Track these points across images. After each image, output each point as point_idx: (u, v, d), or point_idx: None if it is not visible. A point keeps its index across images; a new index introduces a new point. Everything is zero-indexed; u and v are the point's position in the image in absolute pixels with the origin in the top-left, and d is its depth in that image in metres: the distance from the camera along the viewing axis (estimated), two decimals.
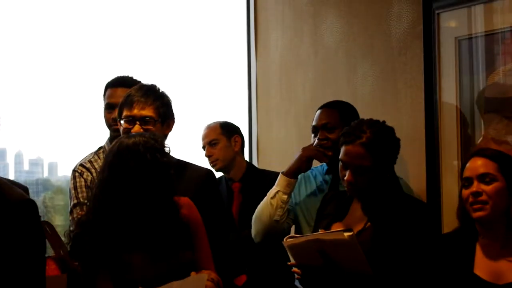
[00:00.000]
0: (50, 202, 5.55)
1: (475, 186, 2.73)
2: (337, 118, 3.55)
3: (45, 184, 5.64)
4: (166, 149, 2.91)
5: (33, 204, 2.46)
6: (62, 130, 5.08)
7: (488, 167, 2.73)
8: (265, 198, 3.45)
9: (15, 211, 2.40)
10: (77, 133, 5.05)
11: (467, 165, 2.79)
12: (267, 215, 3.44)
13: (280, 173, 3.44)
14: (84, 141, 4.92)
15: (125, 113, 3.30)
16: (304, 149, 3.55)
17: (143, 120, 3.26)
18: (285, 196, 3.42)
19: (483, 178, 2.73)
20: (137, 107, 3.27)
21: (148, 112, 3.27)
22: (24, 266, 2.42)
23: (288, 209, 3.50)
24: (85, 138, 4.94)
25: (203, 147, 4.51)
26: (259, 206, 3.47)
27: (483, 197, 2.71)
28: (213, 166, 4.41)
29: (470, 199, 2.74)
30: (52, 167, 5.72)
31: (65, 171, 5.57)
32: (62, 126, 5.08)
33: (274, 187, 3.42)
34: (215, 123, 4.53)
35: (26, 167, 5.58)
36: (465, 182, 2.77)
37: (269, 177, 3.95)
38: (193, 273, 2.82)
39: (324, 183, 3.60)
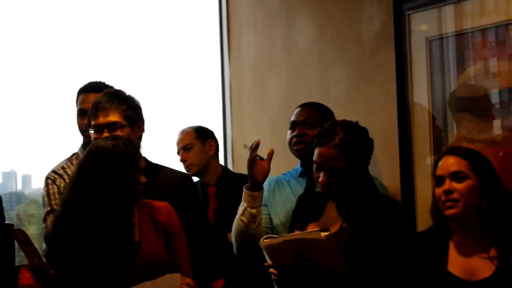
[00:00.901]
0: (24, 214, 5.52)
1: (447, 184, 2.75)
2: (317, 116, 3.58)
3: (19, 197, 5.60)
4: (140, 153, 2.92)
5: None
6: (36, 142, 5.05)
7: (460, 165, 2.75)
8: (237, 215, 3.43)
9: None
10: (50, 145, 5.02)
11: (439, 163, 2.81)
12: (242, 232, 3.41)
13: (244, 188, 3.39)
14: (58, 153, 4.89)
15: (92, 122, 3.27)
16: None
17: (110, 126, 3.22)
18: (254, 210, 3.34)
19: (455, 176, 2.74)
20: (101, 114, 3.24)
21: (113, 117, 3.24)
22: None
23: (263, 218, 3.48)
24: (59, 150, 4.90)
25: (178, 152, 4.51)
26: (233, 224, 3.45)
27: (455, 195, 2.72)
28: (188, 171, 4.41)
29: (443, 197, 2.75)
30: (26, 180, 5.68)
31: (39, 184, 5.53)
32: (35, 138, 5.05)
33: (241, 203, 3.39)
34: (189, 127, 4.53)
35: None
36: (438, 180, 2.79)
37: (244, 181, 3.95)
38: (167, 274, 2.83)
39: (299, 185, 3.60)
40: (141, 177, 2.92)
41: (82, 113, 3.66)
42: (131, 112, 3.28)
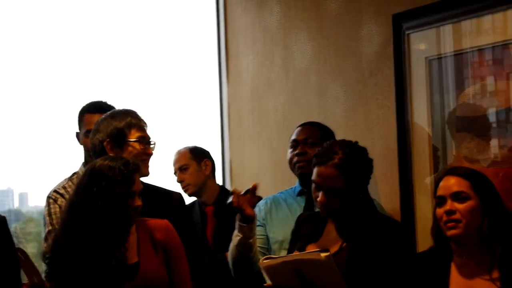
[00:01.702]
0: (21, 232, 5.51)
1: (449, 205, 2.73)
2: (318, 135, 3.59)
3: (16, 214, 5.60)
4: (135, 177, 2.92)
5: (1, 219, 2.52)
6: (32, 160, 5.04)
7: (461, 186, 2.74)
8: (232, 244, 3.41)
9: None
10: (47, 163, 5.02)
11: (440, 183, 2.79)
12: (238, 260, 3.38)
13: (236, 219, 3.35)
14: (54, 171, 4.89)
15: (137, 134, 3.31)
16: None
17: (149, 142, 3.34)
18: (250, 240, 3.33)
19: (456, 196, 2.73)
20: (147, 128, 3.34)
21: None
22: None
23: (259, 239, 3.47)
24: (55, 168, 4.91)
25: (175, 173, 4.52)
26: (230, 251, 3.44)
27: (457, 216, 2.71)
28: (185, 191, 4.43)
29: (444, 218, 2.74)
30: (23, 198, 5.68)
31: (36, 201, 5.52)
32: (32, 157, 5.04)
33: (236, 232, 3.36)
34: (185, 148, 4.56)
35: None
36: (439, 200, 2.78)
37: None
38: None
39: (297, 204, 3.59)
40: (136, 201, 2.92)
41: (89, 133, 3.67)
42: None
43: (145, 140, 3.31)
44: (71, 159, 4.31)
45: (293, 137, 3.66)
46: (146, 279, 2.91)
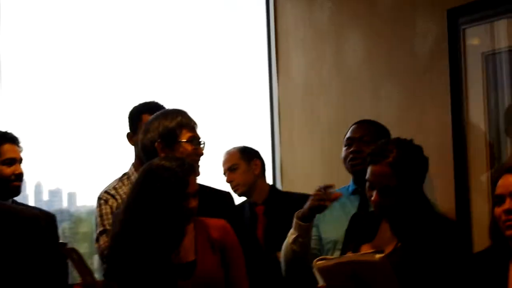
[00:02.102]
0: (70, 231, 5.58)
1: (508, 204, 2.65)
2: (374, 133, 3.55)
3: (64, 214, 5.66)
4: (190, 178, 2.92)
5: (50, 218, 2.56)
6: (81, 160, 5.08)
7: None
8: (286, 241, 3.40)
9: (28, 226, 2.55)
10: (95, 164, 5.05)
11: (499, 182, 2.72)
12: (292, 258, 3.40)
13: (295, 216, 3.36)
14: (102, 171, 4.93)
15: (188, 134, 3.29)
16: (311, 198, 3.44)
17: (200, 142, 3.33)
18: (306, 239, 3.35)
19: None
20: (197, 128, 3.33)
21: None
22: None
23: (312, 240, 3.45)
24: (103, 168, 4.94)
25: (224, 173, 4.53)
26: (283, 249, 3.43)
27: None
28: (235, 191, 4.43)
29: (503, 217, 2.66)
30: (71, 197, 5.75)
31: (84, 201, 5.58)
32: (81, 156, 5.08)
33: (292, 230, 3.36)
34: (234, 148, 4.56)
35: (45, 197, 5.61)
36: (497, 199, 2.70)
37: (292, 198, 3.95)
38: None
39: (351, 204, 3.56)
40: (191, 202, 2.92)
41: None
42: None
43: (196, 140, 3.30)
44: (119, 159, 4.34)
45: (348, 135, 3.62)
46: (202, 277, 2.91)
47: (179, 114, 3.33)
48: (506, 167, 2.83)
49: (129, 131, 3.93)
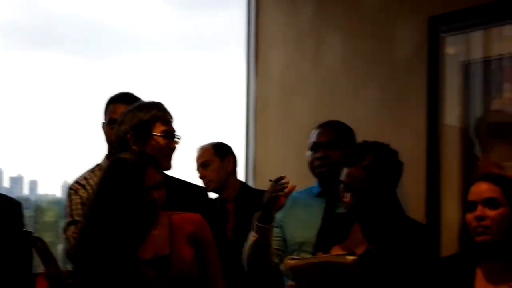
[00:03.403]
0: (31, 220, 5.54)
1: (480, 211, 2.70)
2: (340, 137, 3.50)
3: (25, 202, 5.62)
4: (150, 171, 2.91)
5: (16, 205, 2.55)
6: (44, 147, 5.04)
7: (493, 192, 2.70)
8: (247, 243, 3.37)
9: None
10: (57, 151, 5.02)
11: (472, 188, 2.76)
12: (253, 260, 3.36)
13: (254, 218, 3.32)
14: (65, 159, 4.90)
15: (162, 128, 3.26)
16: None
17: (176, 136, 3.30)
18: (266, 241, 3.30)
19: (488, 202, 2.70)
20: (172, 122, 3.29)
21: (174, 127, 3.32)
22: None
23: (275, 241, 3.42)
24: (66, 156, 4.91)
25: (197, 169, 4.52)
26: (245, 250, 3.40)
27: (487, 222, 2.68)
28: (206, 187, 4.40)
29: (474, 223, 2.70)
30: (33, 185, 5.70)
31: (45, 189, 5.54)
32: (43, 144, 5.04)
33: (252, 232, 3.33)
34: (208, 144, 4.55)
35: (6, 184, 5.56)
36: (469, 205, 2.74)
37: (262, 197, 3.93)
38: None
39: (317, 205, 3.52)
40: (152, 195, 2.90)
41: (111, 123, 3.66)
42: None
43: (169, 134, 3.28)
44: (85, 147, 4.32)
45: (313, 139, 3.55)
46: (177, 271, 2.91)
47: (155, 107, 3.30)
48: (481, 175, 2.86)
49: (103, 121, 3.91)
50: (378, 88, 4.01)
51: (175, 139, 3.30)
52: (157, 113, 3.27)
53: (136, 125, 3.25)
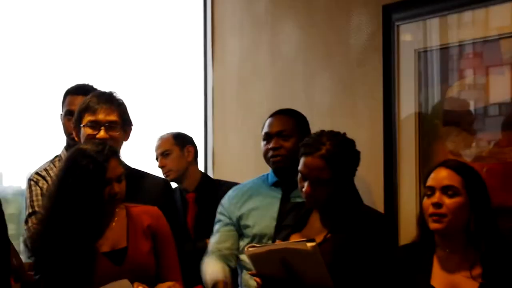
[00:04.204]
0: None
1: (437, 197, 2.71)
2: (293, 126, 3.48)
3: None
4: (111, 164, 2.89)
5: None
6: (7, 140, 4.99)
7: (453, 180, 2.71)
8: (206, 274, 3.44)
9: None
10: (22, 143, 4.96)
11: (432, 174, 2.76)
12: None
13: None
14: (29, 151, 4.85)
15: (88, 118, 3.26)
16: None
17: (108, 125, 3.25)
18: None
19: (446, 190, 2.70)
20: (102, 112, 3.25)
21: (112, 116, 3.26)
22: None
23: (230, 241, 3.50)
24: (30, 148, 4.87)
25: (156, 158, 4.51)
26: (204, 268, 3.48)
27: (443, 210, 2.69)
28: (166, 177, 4.41)
29: (430, 209, 2.71)
30: None
31: (10, 181, 5.47)
32: (7, 136, 4.98)
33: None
34: (168, 134, 4.54)
35: None
36: (428, 191, 2.75)
37: (223, 187, 3.94)
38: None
39: (272, 196, 3.52)
40: (114, 187, 2.89)
41: (69, 114, 3.66)
42: (125, 116, 3.33)
43: (97, 124, 3.26)
44: (48, 139, 4.28)
45: (266, 129, 3.53)
46: (134, 264, 2.90)
47: (91, 97, 3.30)
48: (443, 161, 2.88)
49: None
50: (334, 77, 4.01)
51: (101, 129, 3.26)
52: (89, 104, 3.28)
53: (75, 117, 3.32)
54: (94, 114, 3.25)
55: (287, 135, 3.46)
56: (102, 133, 3.22)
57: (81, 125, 3.27)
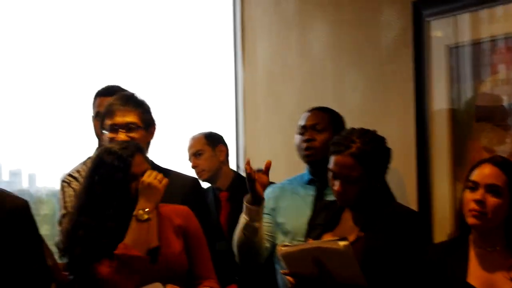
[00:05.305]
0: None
1: (480, 194, 2.66)
2: (327, 121, 3.52)
3: (25, 195, 5.61)
4: (136, 160, 2.92)
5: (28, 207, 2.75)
6: (42, 141, 5.05)
7: (498, 179, 2.66)
8: (238, 227, 3.39)
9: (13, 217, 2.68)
10: (56, 144, 5.02)
11: (477, 169, 2.71)
12: (244, 244, 3.38)
13: (244, 201, 3.35)
14: (63, 152, 4.90)
15: (108, 122, 3.30)
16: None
17: (126, 127, 3.27)
18: (256, 224, 3.31)
19: (490, 188, 2.65)
20: (119, 114, 3.28)
21: (130, 118, 3.29)
22: (29, 264, 2.69)
23: (265, 227, 3.44)
24: (64, 149, 4.92)
25: (189, 159, 4.53)
26: (235, 235, 3.42)
27: (485, 208, 2.64)
28: (199, 177, 4.42)
29: (471, 205, 2.67)
30: (32, 178, 5.71)
31: (44, 182, 5.54)
32: (42, 137, 5.05)
33: (243, 215, 3.35)
34: (199, 134, 4.55)
35: (5, 177, 5.56)
36: (472, 185, 2.70)
37: None
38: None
39: (307, 193, 3.53)
40: (134, 184, 2.92)
41: (98, 116, 3.68)
42: (146, 115, 3.34)
43: (116, 127, 3.29)
44: (82, 140, 4.32)
45: (301, 122, 3.57)
46: (167, 263, 2.92)
47: (110, 101, 3.34)
48: (488, 158, 2.82)
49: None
50: (365, 75, 4.00)
51: (119, 132, 3.28)
52: (109, 108, 3.32)
53: (101, 120, 3.36)
54: (112, 117, 3.30)
55: (321, 129, 3.49)
56: (121, 136, 3.25)
57: (103, 130, 3.32)
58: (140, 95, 3.40)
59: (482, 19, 3.42)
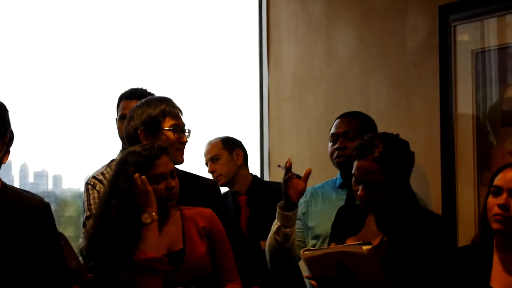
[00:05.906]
0: (55, 214, 5.58)
1: (504, 199, 2.66)
2: (358, 127, 3.52)
3: (50, 196, 5.65)
4: (158, 162, 2.92)
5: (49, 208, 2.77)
6: (67, 142, 5.08)
7: None
8: (270, 233, 3.38)
9: (34, 218, 2.70)
10: (81, 146, 5.06)
11: (501, 174, 2.72)
12: (275, 249, 3.36)
13: (277, 207, 3.32)
14: (88, 154, 4.93)
15: (173, 121, 3.31)
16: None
17: (183, 130, 3.34)
18: (288, 230, 3.30)
19: None
20: (181, 117, 3.33)
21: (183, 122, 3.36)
22: (48, 264, 2.71)
23: (297, 233, 3.44)
24: (89, 151, 4.95)
25: (206, 163, 4.54)
26: (268, 240, 3.41)
27: (508, 212, 2.65)
28: (217, 182, 4.41)
29: (495, 210, 2.67)
30: (57, 180, 5.74)
31: (69, 184, 5.57)
32: (67, 139, 5.08)
33: (276, 221, 3.33)
34: (216, 138, 4.56)
35: (31, 179, 5.60)
36: (495, 190, 2.70)
37: (274, 188, 3.95)
38: None
39: (338, 197, 3.55)
40: (171, 181, 2.93)
41: (123, 119, 3.69)
42: None
43: (179, 128, 3.31)
44: (107, 142, 4.35)
45: (333, 130, 3.58)
46: (192, 265, 2.93)
47: (163, 102, 3.33)
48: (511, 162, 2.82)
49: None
50: (391, 78, 3.99)
51: (185, 133, 3.33)
52: (166, 108, 3.31)
53: (146, 121, 3.29)
54: (176, 118, 3.31)
55: (353, 136, 3.49)
56: (186, 138, 3.32)
57: (162, 128, 3.30)
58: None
59: (509, 24, 3.41)
